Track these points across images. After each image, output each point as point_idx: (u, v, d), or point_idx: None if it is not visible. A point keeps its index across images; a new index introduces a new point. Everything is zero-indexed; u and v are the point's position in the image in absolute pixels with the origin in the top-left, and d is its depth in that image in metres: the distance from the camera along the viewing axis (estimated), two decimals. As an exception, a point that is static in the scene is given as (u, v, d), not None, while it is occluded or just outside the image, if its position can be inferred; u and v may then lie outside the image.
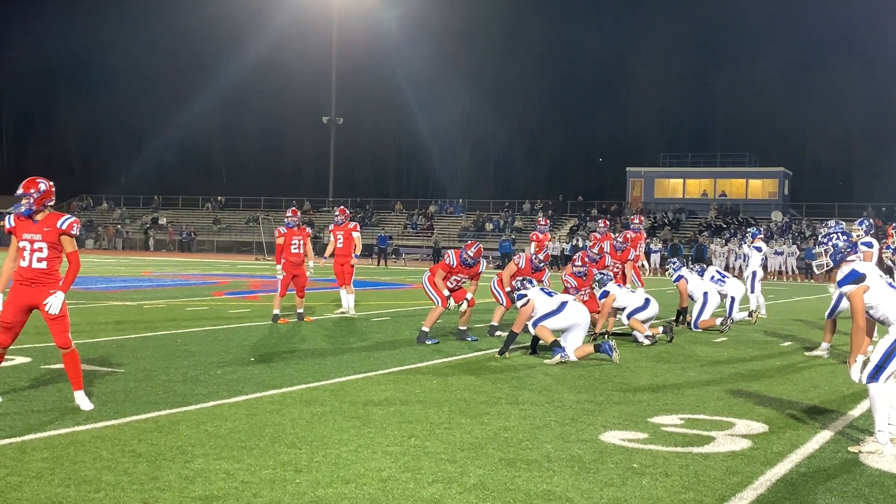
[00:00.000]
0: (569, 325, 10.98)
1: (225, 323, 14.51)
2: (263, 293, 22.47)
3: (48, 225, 7.27)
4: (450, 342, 12.59)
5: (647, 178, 64.74)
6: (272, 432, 6.68)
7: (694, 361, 11.27)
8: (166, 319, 14.93)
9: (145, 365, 9.80)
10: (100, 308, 16.45)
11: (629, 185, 65.34)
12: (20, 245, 7.26)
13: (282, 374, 9.42)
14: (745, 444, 6.70)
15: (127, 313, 15.91)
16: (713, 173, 63.64)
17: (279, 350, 11.31)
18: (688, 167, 65.16)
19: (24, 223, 7.27)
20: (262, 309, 17.49)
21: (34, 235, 7.24)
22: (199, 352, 10.95)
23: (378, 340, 12.74)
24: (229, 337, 12.61)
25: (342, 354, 11.07)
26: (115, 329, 13.23)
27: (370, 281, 29.84)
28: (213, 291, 22.36)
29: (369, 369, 9.86)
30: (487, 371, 10.02)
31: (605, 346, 10.75)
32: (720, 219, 56.02)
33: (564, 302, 11.10)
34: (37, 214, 7.30)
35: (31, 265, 7.23)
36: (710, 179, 63.73)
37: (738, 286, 16.18)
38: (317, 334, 13.28)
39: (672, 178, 65.40)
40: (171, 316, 15.60)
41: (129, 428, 6.73)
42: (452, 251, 12.64)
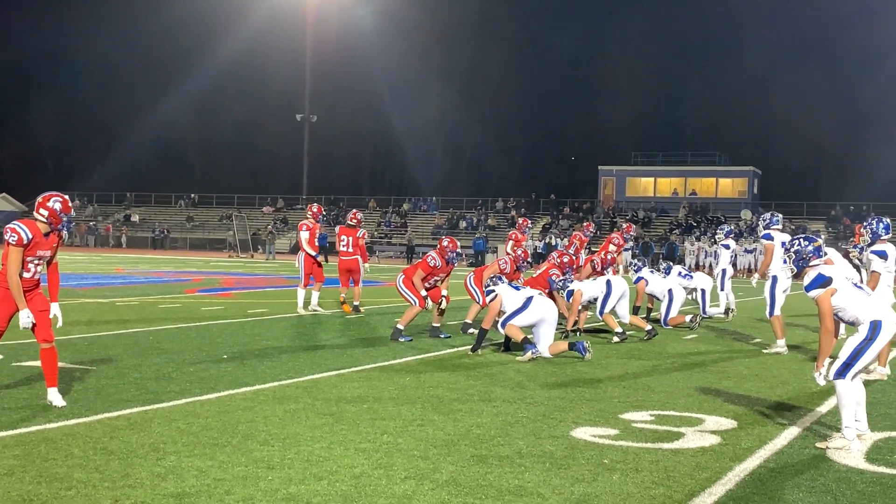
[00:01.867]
0: (537, 320, 11.01)
1: (198, 320, 14.44)
2: (237, 290, 22.39)
3: (54, 241, 7.39)
4: (423, 339, 12.59)
5: (619, 177, 65.03)
6: (245, 429, 6.66)
7: (664, 358, 11.33)
8: (139, 317, 14.82)
9: (117, 362, 9.73)
10: (72, 305, 16.31)
11: (601, 184, 65.60)
12: (28, 259, 7.21)
13: (254, 371, 9.39)
14: (714, 440, 6.75)
15: (99, 311, 15.79)
16: (684, 172, 64.02)
17: (252, 347, 11.27)
18: (659, 166, 65.52)
19: (40, 240, 7.25)
20: (235, 306, 17.42)
21: (45, 252, 7.34)
22: (172, 349, 10.88)
23: (352, 338, 12.71)
24: (202, 334, 12.54)
25: (315, 351, 11.05)
26: (87, 326, 13.13)
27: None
28: (186, 289, 22.25)
29: (342, 366, 9.84)
30: (460, 368, 10.03)
31: (580, 345, 10.79)
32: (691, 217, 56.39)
33: (530, 297, 11.13)
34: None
35: (33, 277, 7.32)
36: (681, 178, 64.10)
37: (706, 279, 16.31)
38: (290, 332, 13.24)
39: (643, 177, 65.71)
40: (143, 313, 15.50)
41: (100, 425, 6.68)
42: (435, 252, 12.61)
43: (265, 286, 24.54)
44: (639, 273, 15.56)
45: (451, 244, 12.58)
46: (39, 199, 7.34)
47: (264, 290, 23.15)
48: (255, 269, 34.88)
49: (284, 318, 15.37)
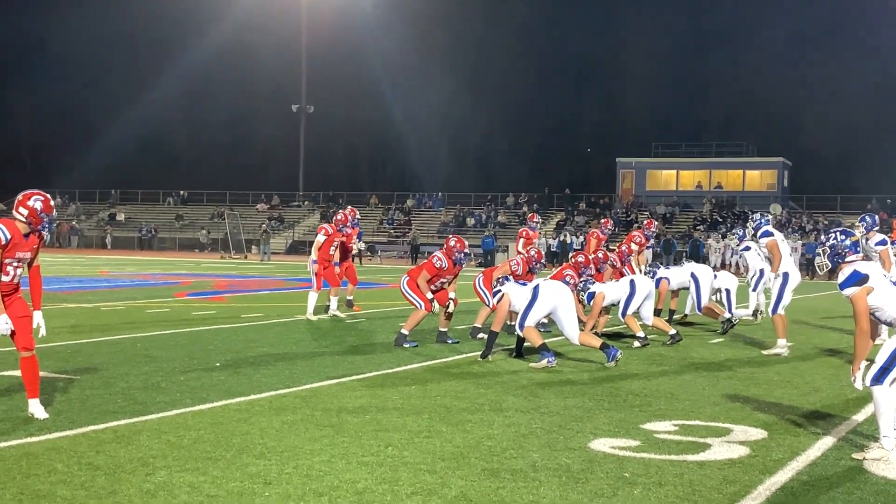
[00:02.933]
0: (551, 308, 11.03)
1: (188, 326, 14.47)
2: (229, 294, 22.41)
3: (34, 242, 7.39)
4: (429, 345, 12.60)
5: (639, 170, 64.98)
6: (239, 442, 6.67)
7: (689, 364, 11.33)
8: (125, 322, 14.85)
9: (103, 371, 9.76)
10: (54, 311, 16.36)
11: (619, 177, 65.56)
12: (7, 261, 7.22)
13: (249, 380, 9.41)
14: (742, 451, 6.74)
15: (83, 316, 15.82)
16: (708, 164, 63.94)
17: (246, 355, 11.29)
18: (681, 157, 65.45)
19: (20, 241, 7.25)
20: (228, 310, 17.44)
21: (25, 254, 7.34)
22: (161, 357, 10.91)
23: (352, 344, 12.73)
24: (193, 341, 12.57)
25: (314, 359, 11.07)
26: (71, 333, 13.17)
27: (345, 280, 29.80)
28: (176, 292, 22.29)
29: (343, 374, 9.86)
30: (469, 376, 10.04)
31: (612, 351, 10.77)
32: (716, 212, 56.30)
33: (536, 286, 11.16)
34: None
35: (12, 280, 7.31)
36: (706, 171, 64.03)
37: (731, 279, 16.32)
38: (287, 338, 13.26)
39: (665, 170, 65.65)
40: (130, 319, 15.53)
41: (85, 439, 6.70)
42: (441, 252, 12.61)
43: (260, 289, 24.57)
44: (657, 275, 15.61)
45: (458, 243, 12.59)
46: (19, 197, 7.35)
47: (259, 293, 23.18)
48: (249, 271, 34.94)
49: (280, 322, 15.39)
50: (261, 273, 33.82)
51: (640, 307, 13.41)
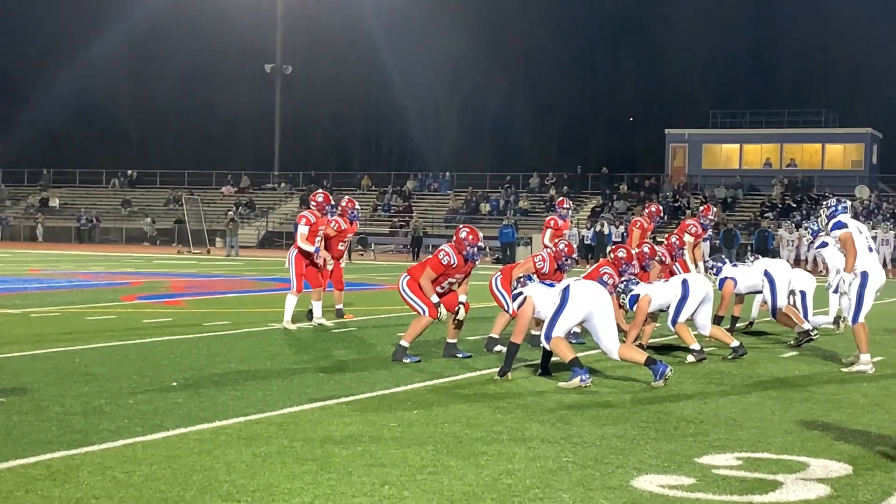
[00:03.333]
0: (585, 314, 11.01)
1: (138, 336, 14.48)
2: (188, 297, 22.43)
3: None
4: (435, 360, 12.59)
5: (693, 144, 64.87)
6: (201, 480, 6.67)
7: (755, 383, 11.31)
8: (60, 332, 14.87)
9: (33, 392, 9.77)
10: (-28, 318, 16.42)
11: (669, 153, 65.47)
12: None
13: (213, 403, 9.41)
14: (822, 490, 6.73)
15: (8, 324, 15.85)
16: (779, 136, 63.80)
17: (209, 372, 11.30)
18: (746, 129, 65.35)
19: None
20: (187, 318, 17.46)
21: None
22: (105, 375, 10.92)
23: (340, 359, 12.73)
24: (144, 355, 12.58)
25: (293, 377, 11.07)
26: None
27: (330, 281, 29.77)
28: (123, 295, 22.32)
29: (329, 396, 9.86)
30: (484, 398, 10.03)
31: (661, 367, 10.74)
32: (788, 196, 56.18)
33: (566, 287, 11.11)
34: None
35: None
36: (776, 144, 63.89)
37: (808, 279, 16.30)
38: (260, 351, 13.26)
39: (725, 143, 65.54)
40: (66, 328, 15.55)
41: (12, 475, 6.71)
42: (449, 246, 12.58)
43: (226, 291, 24.59)
44: (721, 274, 15.57)
45: (470, 235, 12.56)
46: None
47: (225, 296, 23.19)
48: (213, 269, 34.96)
49: (252, 332, 15.39)
50: (227, 271, 33.84)
51: (694, 313, 13.38)
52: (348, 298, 19.02)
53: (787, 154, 63.28)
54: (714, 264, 16.00)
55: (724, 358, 13.16)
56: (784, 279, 15.47)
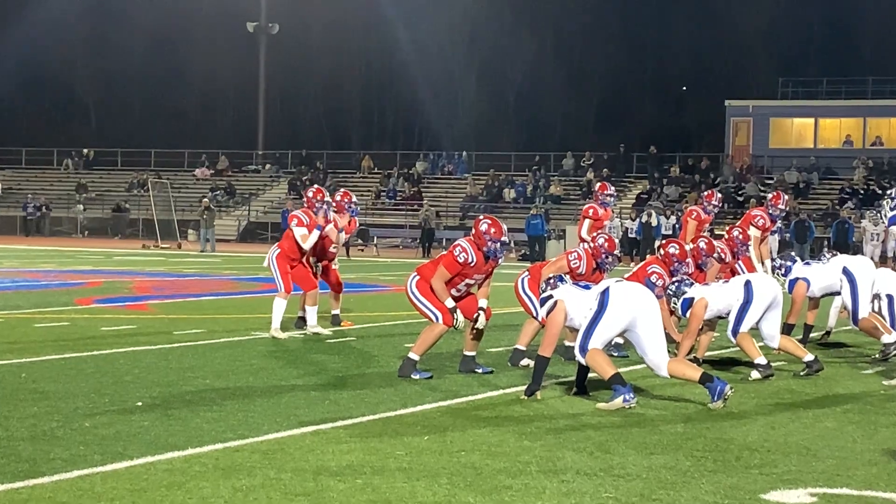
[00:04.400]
0: (627, 323, 10.99)
1: (96, 347, 14.49)
2: (156, 300, 22.46)
3: None
4: (450, 376, 12.59)
5: (758, 118, 64.66)
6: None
7: (833, 405, 11.31)
8: (3, 342, 14.89)
9: (-29, 413, 9.80)
10: None
11: (730, 129, 65.25)
12: None
13: (186, 426, 9.43)
14: (913, 533, 6.72)
15: (-58, 333, 15.89)
16: (862, 109, 63.45)
17: (181, 389, 11.32)
18: (822, 100, 64.99)
19: None
20: (154, 325, 17.49)
21: None
22: (57, 392, 10.95)
23: (337, 374, 12.75)
24: (102, 369, 12.60)
25: (280, 396, 11.08)
26: (-76, 357, 13.24)
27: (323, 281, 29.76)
28: (78, 298, 22.36)
29: (323, 419, 9.87)
30: (508, 421, 10.02)
31: (719, 385, 10.70)
32: (873, 180, 55.96)
33: (605, 290, 11.07)
34: None
35: None
36: (858, 119, 63.61)
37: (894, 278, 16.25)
38: (241, 365, 13.28)
39: (797, 118, 65.30)
40: (10, 337, 15.57)
41: (-54, 512, 6.74)
42: (466, 241, 12.54)
43: (200, 293, 24.61)
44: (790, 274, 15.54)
45: (492, 228, 12.50)
46: None
47: (199, 298, 23.20)
48: (185, 267, 35.00)
49: (231, 342, 15.43)
50: (201, 269, 33.87)
51: (759, 321, 13.35)
52: (346, 303, 19.02)
53: (871, 130, 62.98)
54: (783, 263, 15.96)
55: (795, 374, 13.14)
56: (867, 280, 15.33)
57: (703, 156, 63.78)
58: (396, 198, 62.34)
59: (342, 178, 65.11)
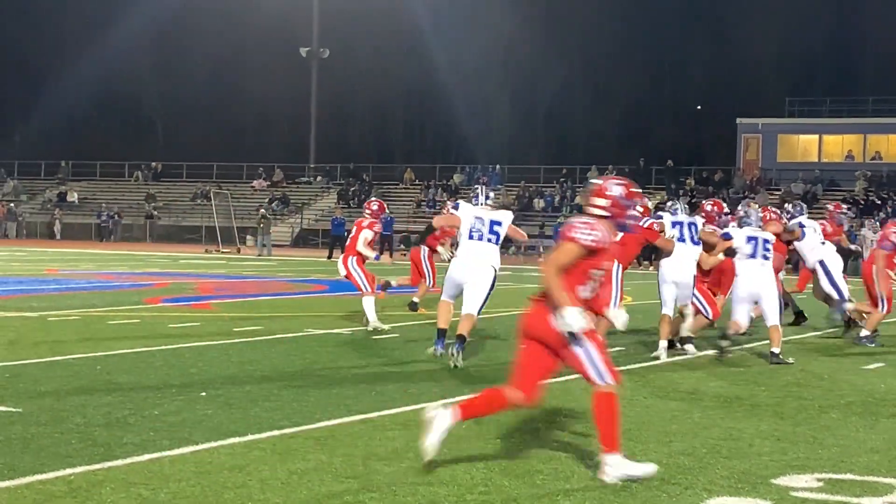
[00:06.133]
0: None
1: (163, 343, 14.55)
2: (217, 300, 22.52)
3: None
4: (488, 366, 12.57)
5: (767, 134, 64.37)
6: (233, 498, 6.69)
7: (837, 395, 11.26)
8: (80, 337, 14.96)
9: (52, 402, 9.84)
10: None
11: (740, 145, 64.98)
12: None
13: (245, 414, 9.45)
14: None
15: (25, 329, 15.96)
16: (863, 126, 63.14)
17: (241, 381, 11.34)
18: (826, 118, 64.65)
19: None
20: (216, 322, 17.53)
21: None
22: (129, 383, 10.99)
23: (383, 367, 12.77)
24: (170, 362, 12.66)
25: (331, 387, 11.09)
26: (9, 351, 13.30)
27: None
28: (147, 298, 22.44)
29: (371, 409, 9.87)
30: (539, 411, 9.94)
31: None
32: (873, 192, 55.65)
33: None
34: None
35: None
36: (859, 135, 63.26)
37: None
38: (295, 359, 13.29)
39: (803, 134, 64.98)
40: (86, 332, 15.65)
41: (30, 492, 6.75)
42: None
43: (258, 293, 24.69)
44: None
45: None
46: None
47: (257, 298, 23.27)
48: (244, 270, 35.10)
49: (286, 339, 15.44)
50: (259, 272, 33.96)
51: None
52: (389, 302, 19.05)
53: (871, 146, 62.60)
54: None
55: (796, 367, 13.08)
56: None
57: (717, 169, 63.53)
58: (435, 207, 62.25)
59: (386, 189, 65.19)
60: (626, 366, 12.84)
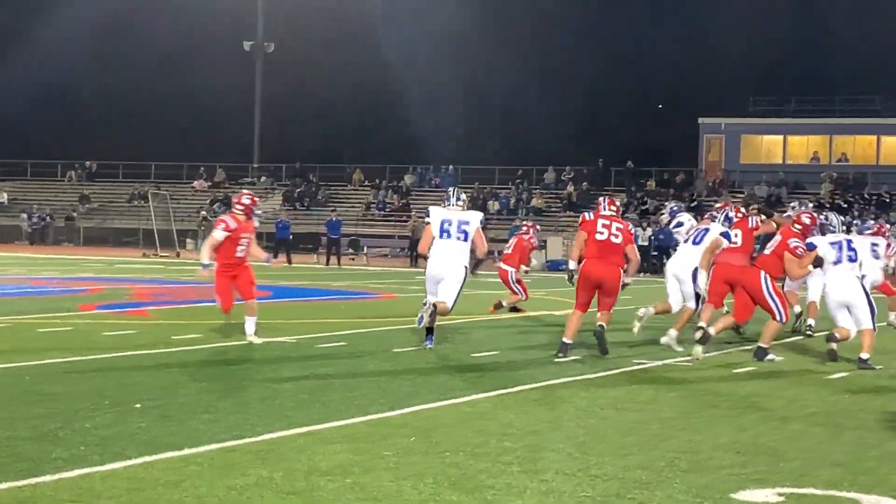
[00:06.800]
0: None
1: (97, 352, 14.47)
2: (155, 307, 22.41)
3: None
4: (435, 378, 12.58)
5: (730, 135, 64.78)
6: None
7: (800, 406, 11.34)
8: (9, 347, 14.87)
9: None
10: None
11: (703, 145, 65.38)
12: None
13: (183, 427, 9.42)
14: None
15: (-51, 337, 15.87)
16: (828, 127, 63.63)
17: (178, 392, 11.30)
18: (791, 118, 65.11)
19: None
20: (153, 330, 17.46)
21: None
22: (59, 395, 10.93)
23: (328, 377, 12.73)
24: (104, 373, 12.59)
25: (273, 398, 11.06)
26: (-68, 361, 13.22)
27: (316, 288, 29.80)
28: (80, 304, 22.31)
29: (314, 421, 9.86)
30: (491, 423, 10.00)
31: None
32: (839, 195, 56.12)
33: None
34: None
35: None
36: (824, 136, 63.78)
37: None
38: (236, 368, 13.27)
39: (767, 135, 65.43)
40: (16, 341, 15.57)
41: (-47, 509, 6.73)
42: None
43: (197, 299, 24.55)
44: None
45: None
46: None
47: (196, 305, 23.16)
48: (183, 275, 34.93)
49: (228, 347, 15.40)
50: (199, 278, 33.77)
51: None
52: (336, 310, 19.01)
53: (837, 147, 63.14)
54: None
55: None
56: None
57: (679, 170, 63.85)
58: (386, 209, 62.35)
59: (334, 190, 65.21)
60: (582, 376, 12.94)
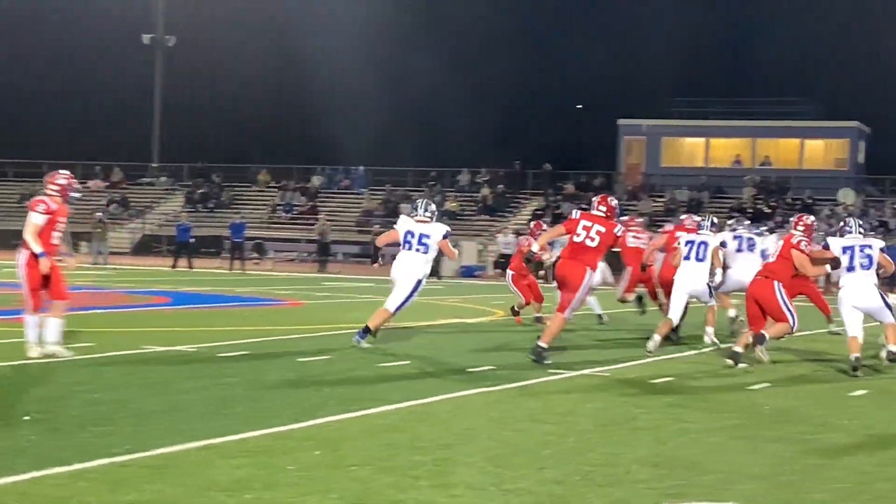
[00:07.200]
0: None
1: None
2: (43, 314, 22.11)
3: None
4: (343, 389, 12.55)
5: (651, 137, 65.37)
6: (56, 534, 6.59)
7: (720, 417, 11.45)
8: None
9: None
10: None
11: (622, 147, 65.88)
12: None
13: (73, 441, 9.31)
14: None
15: None
16: (751, 130, 64.43)
17: (69, 403, 11.18)
18: (713, 120, 65.81)
19: None
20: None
21: None
22: (-59, 406, 10.77)
23: (231, 388, 12.66)
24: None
25: (171, 410, 10.99)
26: None
27: (218, 294, 29.63)
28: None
29: (214, 434, 9.78)
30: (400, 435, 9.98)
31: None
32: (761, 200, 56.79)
33: None
34: None
35: None
36: (747, 139, 64.58)
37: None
38: (131, 378, 13.15)
39: (689, 137, 66.12)
40: None
41: None
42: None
43: (90, 306, 24.31)
44: None
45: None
46: None
47: (89, 311, 22.93)
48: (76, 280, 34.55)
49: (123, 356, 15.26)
50: (93, 282, 33.48)
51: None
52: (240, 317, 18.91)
53: (759, 150, 63.96)
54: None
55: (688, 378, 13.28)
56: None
57: (597, 173, 64.27)
58: (292, 212, 62.18)
59: (238, 192, 64.93)
60: (497, 387, 12.95)
